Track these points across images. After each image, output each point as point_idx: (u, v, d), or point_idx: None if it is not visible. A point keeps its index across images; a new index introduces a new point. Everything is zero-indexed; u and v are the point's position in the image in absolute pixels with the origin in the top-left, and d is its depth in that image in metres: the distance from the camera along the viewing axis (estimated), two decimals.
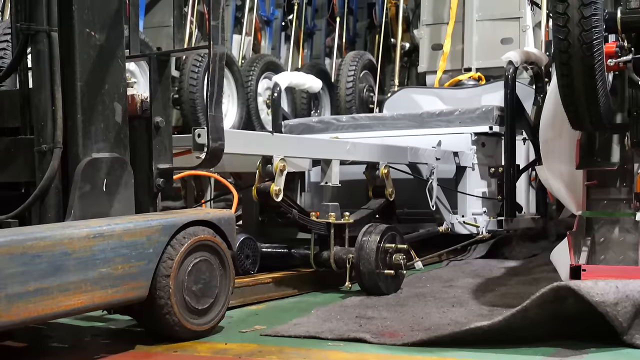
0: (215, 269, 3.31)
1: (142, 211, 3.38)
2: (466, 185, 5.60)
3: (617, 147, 3.95)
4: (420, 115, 6.05)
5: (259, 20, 9.24)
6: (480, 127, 5.77)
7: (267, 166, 4.11)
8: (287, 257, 4.51)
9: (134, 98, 3.43)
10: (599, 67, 3.25)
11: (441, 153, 5.28)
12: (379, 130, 6.10)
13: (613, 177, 3.91)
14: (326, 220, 4.33)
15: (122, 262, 2.93)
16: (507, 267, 5.16)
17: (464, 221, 5.50)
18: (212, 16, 3.30)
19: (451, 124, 5.88)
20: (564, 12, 3.21)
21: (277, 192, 4.08)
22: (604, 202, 3.93)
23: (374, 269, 4.15)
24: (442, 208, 5.35)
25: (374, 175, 4.82)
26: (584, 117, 3.42)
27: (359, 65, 8.51)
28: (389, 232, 4.29)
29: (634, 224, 3.83)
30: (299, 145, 4.45)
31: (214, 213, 3.40)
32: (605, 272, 3.56)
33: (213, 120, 3.31)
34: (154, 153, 3.44)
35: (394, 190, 4.85)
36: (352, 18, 11.42)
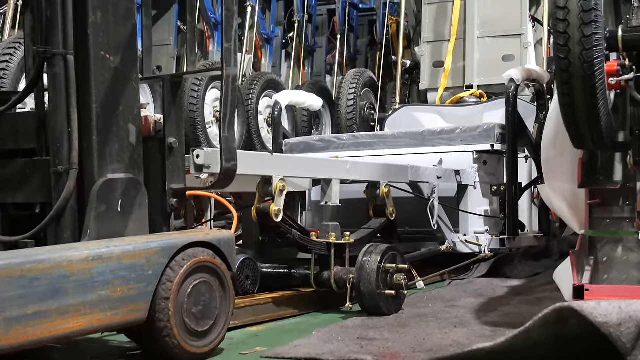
0: (215, 290, 3.32)
1: (156, 231, 3.42)
2: (468, 204, 5.63)
3: (620, 165, 3.96)
4: (421, 133, 6.08)
5: (259, 38, 9.30)
6: (481, 145, 5.80)
7: (266, 186, 4.12)
8: (287, 277, 4.53)
9: (147, 119, 3.48)
10: (600, 86, 3.26)
11: (442, 172, 5.31)
12: (380, 148, 6.14)
13: (616, 195, 3.91)
14: (326, 241, 4.36)
15: (121, 284, 2.94)
16: (509, 287, 5.16)
17: (466, 240, 5.51)
18: (225, 38, 3.35)
19: (452, 142, 5.91)
20: (565, 31, 3.23)
21: (277, 212, 4.09)
22: (606, 221, 3.93)
23: (374, 290, 4.16)
24: (444, 227, 5.38)
25: (374, 195, 4.84)
26: (586, 135, 3.43)
27: (359, 83, 8.54)
28: (389, 252, 4.30)
29: (637, 243, 3.83)
30: (298, 165, 4.48)
31: (214, 234, 3.41)
32: (609, 291, 3.56)
33: (226, 141, 3.35)
34: (168, 173, 3.48)
35: (394, 210, 4.86)
36: (353, 35, 11.47)
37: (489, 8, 7.98)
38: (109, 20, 3.27)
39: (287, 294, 4.43)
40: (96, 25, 3.22)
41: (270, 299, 4.25)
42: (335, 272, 4.32)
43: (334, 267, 4.32)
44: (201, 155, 3.54)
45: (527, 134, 6.01)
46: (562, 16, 3.23)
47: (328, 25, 11.20)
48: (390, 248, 4.34)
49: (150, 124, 3.50)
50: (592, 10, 3.19)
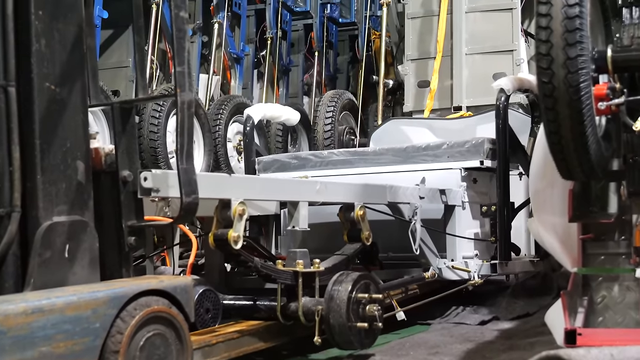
0: (170, 343, 3.32)
1: (112, 275, 3.43)
2: (455, 226, 5.56)
3: (615, 196, 3.98)
4: (404, 149, 6.04)
5: (228, 58, 9.34)
6: (470, 162, 5.75)
7: (224, 210, 4.03)
8: (252, 309, 4.48)
9: (98, 151, 3.48)
10: (588, 112, 3.28)
11: (425, 191, 5.25)
12: (360, 166, 6.09)
13: (610, 229, 3.93)
14: (293, 269, 4.30)
15: (64, 339, 2.93)
16: (500, 330, 5.17)
17: (453, 265, 5.46)
18: (177, 61, 3.34)
19: (439, 158, 5.87)
20: (548, 53, 3.25)
21: (236, 238, 3.98)
22: (601, 258, 3.94)
23: (345, 322, 4.15)
24: (428, 252, 5.31)
25: (348, 218, 4.77)
26: (574, 165, 3.44)
27: (337, 105, 8.57)
28: (362, 281, 4.29)
29: (635, 281, 3.85)
30: (261, 186, 4.40)
31: (169, 281, 3.41)
32: (604, 336, 3.57)
33: (185, 173, 3.35)
34: (123, 210, 3.47)
35: (370, 234, 4.80)
36: (333, 52, 11.55)
37: (477, 22, 8.02)
38: (54, 48, 3.27)
39: (252, 325, 4.38)
40: (40, 54, 3.22)
41: (234, 333, 4.22)
42: (304, 304, 4.28)
43: (302, 297, 4.29)
44: (149, 178, 3.48)
45: (520, 149, 5.99)
46: (545, 37, 3.26)
47: (305, 41, 11.28)
48: (362, 276, 4.33)
49: (102, 156, 3.50)
50: (577, 30, 3.22)
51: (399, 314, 4.79)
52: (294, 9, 10.85)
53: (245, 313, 4.51)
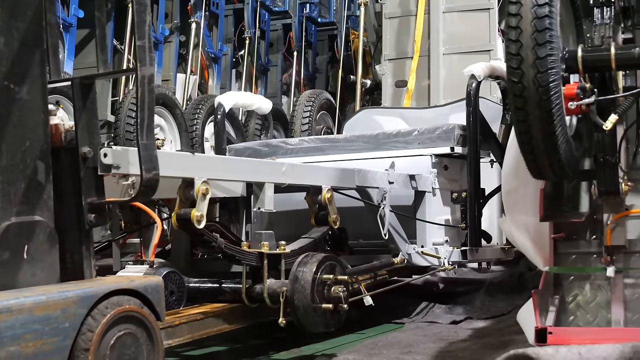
0: (141, 343, 3.30)
1: (72, 253, 3.38)
2: (425, 212, 5.50)
3: (586, 195, 4.02)
4: (375, 136, 5.98)
5: (206, 57, 9.33)
6: (440, 149, 5.71)
7: (187, 190, 3.97)
8: (217, 292, 4.45)
9: (57, 128, 3.41)
10: (558, 112, 3.30)
11: (395, 176, 5.19)
12: (331, 153, 6.02)
13: (582, 229, 3.97)
14: (258, 250, 4.26)
15: (34, 338, 2.91)
16: (474, 329, 5.19)
17: (423, 251, 5.37)
18: (138, 35, 3.26)
19: (409, 145, 5.81)
20: (517, 53, 3.27)
21: (199, 218, 3.93)
22: (572, 257, 3.98)
23: (310, 303, 4.13)
24: (397, 237, 5.23)
25: (315, 201, 4.70)
26: (544, 165, 3.46)
27: (315, 105, 8.55)
28: (327, 262, 4.28)
29: (606, 280, 3.88)
30: (225, 166, 4.32)
31: (140, 281, 3.41)
32: (574, 334, 3.61)
33: (145, 149, 3.28)
34: (83, 187, 3.39)
35: (338, 217, 4.74)
36: (312, 52, 11.55)
37: (455, 22, 8.06)
38: (13, 46, 3.24)
39: (216, 307, 4.41)
40: None
41: (200, 314, 4.27)
42: (269, 285, 4.25)
43: (268, 279, 4.26)
44: (109, 154, 3.41)
45: (492, 136, 5.94)
46: (515, 36, 3.28)
47: (284, 41, 11.28)
48: (327, 257, 4.31)
49: (61, 132, 3.41)
50: (547, 30, 3.24)
51: (366, 298, 4.73)
52: (273, 8, 10.86)
53: (211, 296, 4.49)
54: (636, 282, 3.85)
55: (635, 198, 3.89)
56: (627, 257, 3.87)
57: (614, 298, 3.85)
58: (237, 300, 4.37)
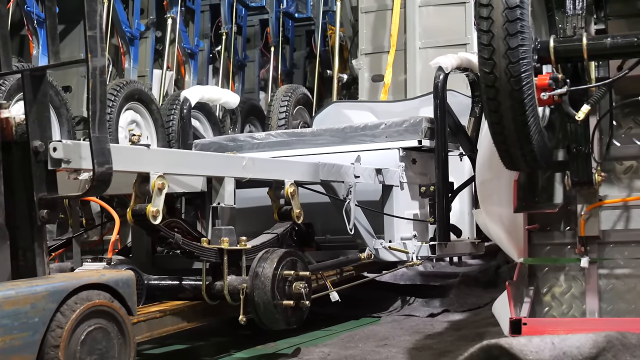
0: (112, 337, 3.28)
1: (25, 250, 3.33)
2: (393, 207, 5.39)
3: (560, 186, 4.01)
4: (342, 130, 5.86)
5: (182, 53, 9.29)
6: (408, 142, 5.60)
7: (143, 185, 3.85)
8: (177, 289, 4.37)
9: (8, 121, 3.36)
10: (530, 102, 3.29)
11: (361, 170, 5.08)
12: (298, 148, 5.92)
13: (556, 219, 3.96)
14: (217, 246, 4.16)
15: (2, 334, 2.89)
16: (450, 321, 5.19)
17: (390, 246, 5.27)
18: (88, 25, 3.23)
19: (377, 138, 5.71)
20: (489, 44, 3.26)
21: (155, 213, 3.81)
22: (547, 248, 3.97)
23: (270, 300, 4.06)
24: (364, 232, 5.12)
25: (278, 196, 4.60)
26: (517, 155, 3.45)
27: (292, 100, 8.50)
28: (288, 258, 4.20)
29: (580, 271, 3.87)
30: (182, 160, 4.19)
31: (110, 275, 3.38)
32: (549, 325, 3.59)
33: (98, 142, 3.24)
34: (35, 182, 3.33)
35: (302, 212, 4.62)
36: (289, 47, 11.53)
37: (431, 16, 8.07)
38: None
39: (176, 305, 4.37)
40: None
41: (158, 312, 4.21)
42: (229, 282, 4.16)
43: (229, 276, 4.17)
44: (59, 148, 3.34)
45: (460, 129, 5.79)
46: (486, 27, 3.26)
47: (261, 36, 11.25)
48: (289, 253, 4.24)
49: (12, 126, 3.36)
50: (518, 20, 3.22)
51: (332, 294, 4.68)
52: (249, 4, 10.82)
53: (171, 293, 4.42)
54: (610, 273, 3.85)
55: (609, 188, 3.88)
56: (601, 247, 3.86)
57: (588, 289, 3.84)
58: (198, 297, 4.30)
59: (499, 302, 4.02)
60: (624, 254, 3.84)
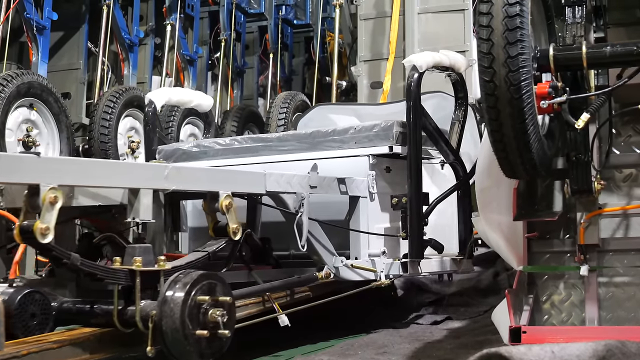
0: None
1: None
2: (359, 220, 4.90)
3: (560, 194, 4.01)
4: (310, 135, 5.34)
5: (181, 60, 9.30)
6: (378, 148, 5.07)
7: (33, 198, 3.40)
8: (89, 314, 3.85)
9: None
10: (530, 110, 3.30)
11: (317, 180, 4.60)
12: (264, 154, 5.42)
13: (555, 227, 3.97)
14: (128, 267, 3.65)
15: None
16: (450, 329, 5.19)
17: (353, 264, 4.77)
18: None
19: (345, 144, 5.19)
20: (489, 52, 3.26)
21: (44, 230, 3.33)
22: (546, 256, 3.98)
23: (179, 329, 3.50)
24: (321, 248, 4.63)
25: (212, 209, 4.10)
26: (516, 163, 3.46)
27: (290, 107, 8.50)
28: (204, 281, 3.64)
29: (580, 279, 3.88)
30: (80, 170, 3.67)
31: None
32: (548, 333, 3.60)
33: None
34: None
35: (240, 227, 4.10)
36: (288, 54, 11.55)
37: (430, 23, 8.04)
38: None
39: (84, 332, 3.79)
40: None
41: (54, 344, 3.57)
42: (142, 308, 3.62)
43: (144, 301, 3.65)
44: None
45: (439, 134, 5.24)
46: (486, 35, 3.27)
47: (260, 43, 11.27)
48: (205, 276, 3.67)
49: None
50: (518, 29, 3.23)
51: (281, 318, 4.25)
52: (248, 10, 10.82)
53: (83, 319, 3.91)
54: (610, 281, 3.85)
55: (608, 196, 3.89)
56: (601, 255, 3.87)
57: (587, 297, 3.85)
58: (109, 324, 3.73)
59: (499, 310, 4.02)
60: (624, 262, 3.84)
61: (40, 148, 6.39)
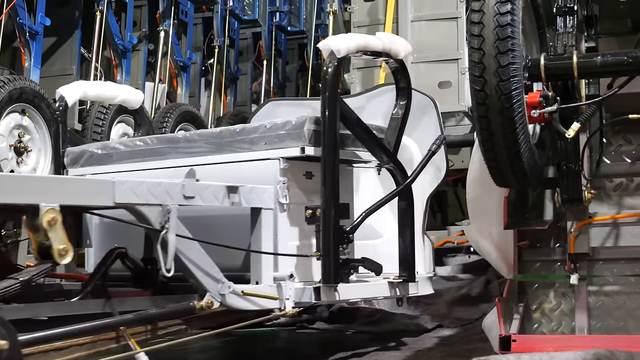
0: None
1: None
2: (261, 236, 3.91)
3: (550, 203, 4.03)
4: (218, 134, 4.39)
5: (174, 66, 9.29)
6: (290, 150, 4.11)
7: None
8: None
9: None
10: (520, 119, 3.30)
11: (196, 189, 3.64)
12: (172, 157, 4.53)
13: (546, 236, 3.98)
14: None
15: None
16: (440, 337, 5.19)
17: (244, 291, 3.72)
18: None
19: (255, 145, 4.23)
20: (480, 61, 3.27)
21: None
22: (537, 265, 3.99)
23: None
24: (200, 273, 3.61)
25: (34, 227, 3.22)
26: (507, 172, 3.46)
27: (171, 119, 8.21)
28: None
29: (570, 288, 3.89)
30: None
31: None
32: (538, 342, 3.61)
33: None
34: None
35: (68, 250, 3.16)
36: (282, 60, 11.55)
37: (423, 31, 8.06)
38: None
39: None
40: None
41: None
42: None
43: None
44: None
45: (370, 133, 4.25)
46: (477, 44, 3.28)
47: (253, 49, 11.27)
48: None
49: None
50: (509, 39, 3.24)
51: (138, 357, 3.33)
52: (242, 17, 10.82)
53: None
54: (600, 290, 3.87)
55: (598, 206, 3.91)
56: (591, 264, 3.89)
57: (577, 306, 3.86)
58: None
59: (489, 318, 4.04)
60: (613, 271, 3.86)
61: (31, 154, 6.37)
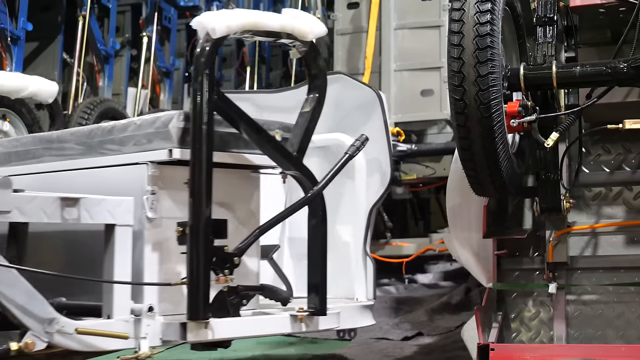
0: None
1: None
2: (113, 259, 3.08)
3: (529, 212, 4.04)
4: (89, 133, 3.59)
5: (158, 72, 9.28)
6: (157, 153, 3.32)
7: None
8: None
9: None
10: (499, 129, 3.32)
11: (14, 201, 2.86)
12: (47, 160, 3.77)
13: (525, 245, 3.99)
14: None
15: None
16: (420, 345, 5.20)
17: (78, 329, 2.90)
18: None
19: (124, 147, 3.45)
20: (459, 70, 3.29)
21: None
22: (515, 273, 4.00)
23: None
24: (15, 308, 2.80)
25: None
26: (486, 182, 3.48)
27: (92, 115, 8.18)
28: None
29: (549, 297, 3.90)
30: None
31: None
32: (516, 350, 3.62)
33: None
34: None
35: None
36: (265, 67, 11.55)
37: (406, 39, 8.08)
38: None
39: None
40: None
41: None
42: None
43: None
44: None
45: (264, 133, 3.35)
46: (456, 54, 3.30)
47: (237, 56, 11.26)
48: None
49: None
50: (489, 48, 3.26)
51: None
52: None
53: None
54: (578, 299, 3.88)
55: (577, 215, 3.92)
56: (569, 273, 3.90)
57: (556, 315, 3.87)
58: None
59: (468, 326, 4.05)
60: (592, 280, 3.87)
61: None
